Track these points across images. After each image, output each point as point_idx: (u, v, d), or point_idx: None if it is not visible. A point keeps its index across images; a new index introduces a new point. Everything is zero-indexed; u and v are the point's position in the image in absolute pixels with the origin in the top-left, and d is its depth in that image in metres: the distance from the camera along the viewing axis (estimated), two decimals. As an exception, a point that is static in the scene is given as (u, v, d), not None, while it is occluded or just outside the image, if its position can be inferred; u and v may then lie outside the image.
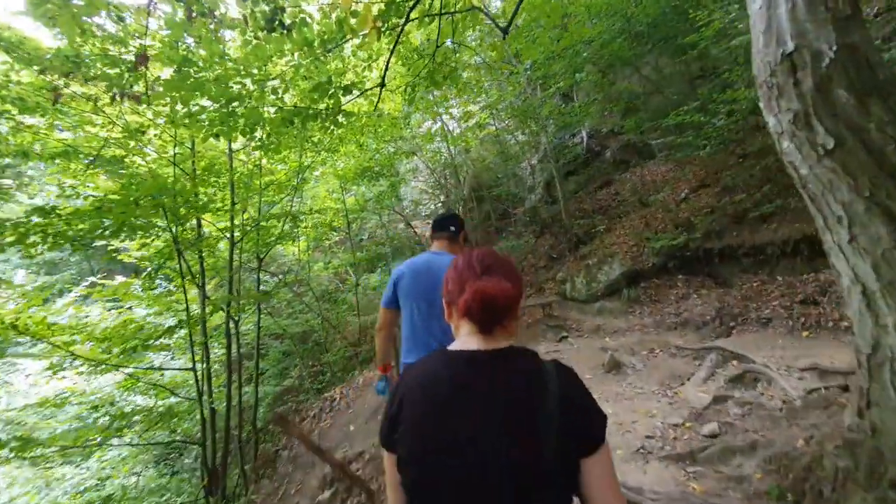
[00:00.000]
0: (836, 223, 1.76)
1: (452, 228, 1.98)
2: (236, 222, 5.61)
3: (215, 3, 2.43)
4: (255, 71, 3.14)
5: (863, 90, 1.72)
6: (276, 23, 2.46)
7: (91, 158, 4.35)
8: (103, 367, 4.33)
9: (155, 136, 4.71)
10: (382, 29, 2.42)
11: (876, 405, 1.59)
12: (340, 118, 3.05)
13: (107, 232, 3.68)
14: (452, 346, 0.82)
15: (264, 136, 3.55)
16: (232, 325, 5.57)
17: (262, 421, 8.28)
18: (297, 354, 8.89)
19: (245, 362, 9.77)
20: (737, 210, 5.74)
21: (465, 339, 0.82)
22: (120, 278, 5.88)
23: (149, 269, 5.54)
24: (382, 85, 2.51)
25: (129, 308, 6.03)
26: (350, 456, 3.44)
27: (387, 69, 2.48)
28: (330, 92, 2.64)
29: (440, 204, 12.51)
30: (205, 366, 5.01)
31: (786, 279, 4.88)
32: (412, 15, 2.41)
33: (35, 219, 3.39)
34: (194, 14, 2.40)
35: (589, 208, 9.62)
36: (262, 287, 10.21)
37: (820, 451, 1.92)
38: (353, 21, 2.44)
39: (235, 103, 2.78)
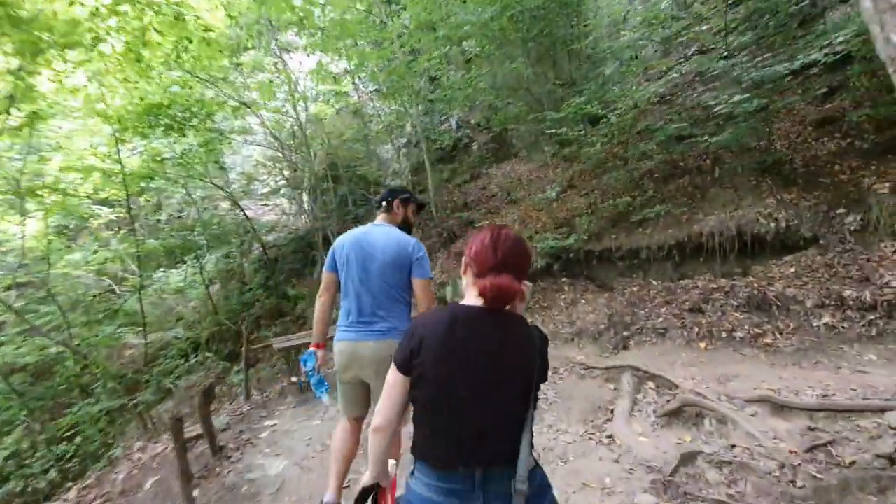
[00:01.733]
0: None
1: (384, 203, 2.06)
2: None
3: None
4: None
5: None
6: None
7: None
8: None
9: None
10: None
11: None
12: None
13: None
14: (466, 302, 1.06)
15: None
16: None
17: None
18: (23, 405, 5.37)
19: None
20: (612, 213, 5.66)
21: (476, 300, 1.02)
22: None
23: None
24: None
25: None
26: None
27: None
28: None
29: (283, 181, 9.98)
30: None
31: (662, 284, 4.88)
32: None
33: None
34: None
35: (459, 201, 8.88)
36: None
37: None
38: None
39: None
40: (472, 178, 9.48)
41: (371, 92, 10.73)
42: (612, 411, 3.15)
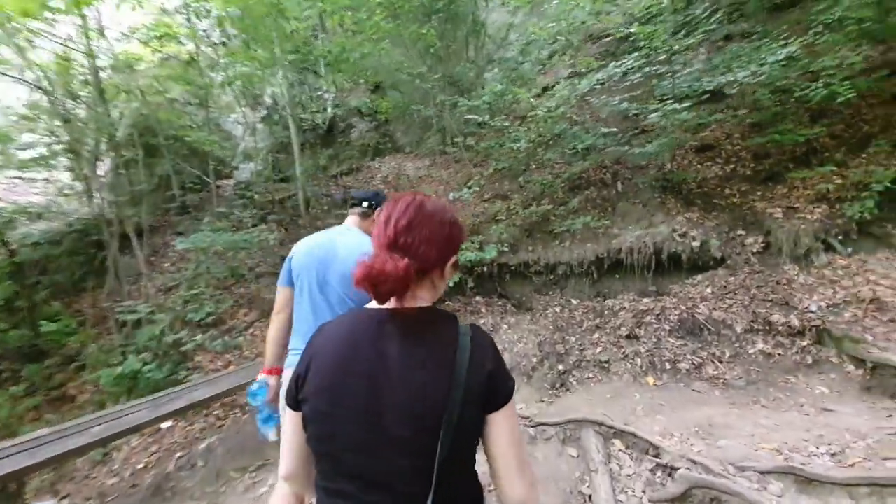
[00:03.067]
0: None
1: (365, 204, 1.74)
2: None
3: None
4: None
5: None
6: None
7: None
8: None
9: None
10: None
11: None
12: None
13: None
14: (370, 304, 0.81)
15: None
16: None
17: None
18: None
19: None
20: (528, 221, 5.04)
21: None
22: None
23: None
24: None
25: None
26: None
27: None
28: None
29: (59, 145, 6.54)
30: None
31: (583, 303, 4.41)
32: None
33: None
34: None
35: (338, 196, 7.25)
36: None
37: None
38: None
39: None
40: (354, 170, 7.95)
41: (218, 44, 8.12)
42: (589, 497, 2.27)
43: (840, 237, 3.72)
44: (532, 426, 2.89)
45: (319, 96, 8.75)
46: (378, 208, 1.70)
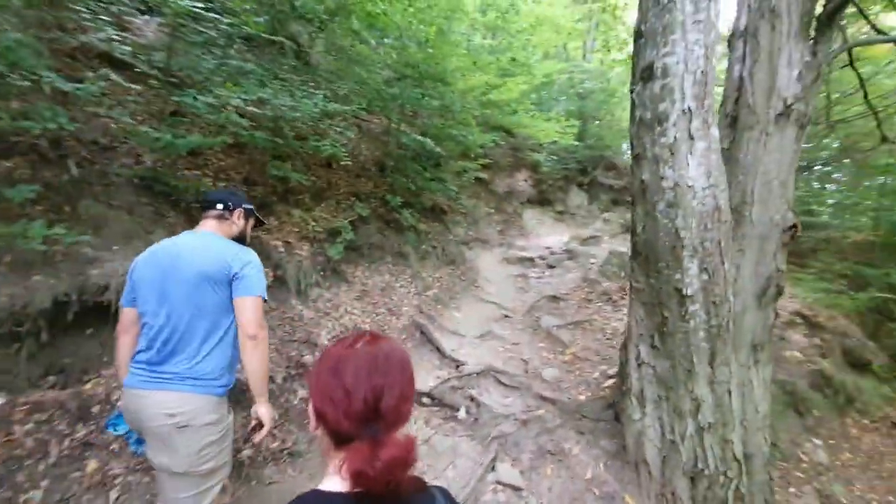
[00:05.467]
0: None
1: (220, 207, 1.61)
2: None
3: None
4: None
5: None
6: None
7: None
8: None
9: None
10: None
11: None
12: None
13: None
14: (328, 486, 0.63)
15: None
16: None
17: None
18: None
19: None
20: None
21: (343, 482, 0.61)
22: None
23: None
24: None
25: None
26: None
27: None
28: None
29: None
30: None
31: (16, 410, 2.13)
32: None
33: None
34: None
35: None
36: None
37: None
38: None
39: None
40: None
41: None
42: None
43: (323, 273, 4.41)
44: None
45: None
46: (238, 209, 1.60)
